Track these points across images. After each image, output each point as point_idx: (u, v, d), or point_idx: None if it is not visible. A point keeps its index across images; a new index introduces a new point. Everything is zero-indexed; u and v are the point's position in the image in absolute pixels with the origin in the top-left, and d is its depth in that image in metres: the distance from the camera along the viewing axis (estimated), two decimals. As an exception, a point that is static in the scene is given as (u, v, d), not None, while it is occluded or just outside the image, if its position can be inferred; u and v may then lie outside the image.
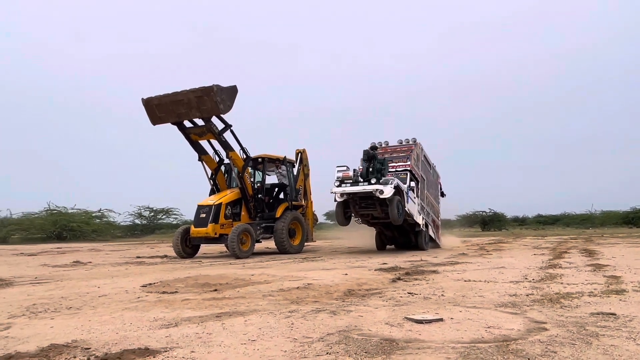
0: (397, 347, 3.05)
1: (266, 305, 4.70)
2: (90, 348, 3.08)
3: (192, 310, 4.49)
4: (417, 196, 13.97)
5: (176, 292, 5.82)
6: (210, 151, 13.49)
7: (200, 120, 12.64)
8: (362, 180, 12.31)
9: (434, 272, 7.83)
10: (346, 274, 7.46)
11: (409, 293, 5.45)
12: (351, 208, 12.95)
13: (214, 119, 12.52)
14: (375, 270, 8.17)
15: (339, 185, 12.40)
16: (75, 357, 2.89)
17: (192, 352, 2.97)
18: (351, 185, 12.26)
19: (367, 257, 12.02)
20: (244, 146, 13.35)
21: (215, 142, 13.20)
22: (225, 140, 12.83)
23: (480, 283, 6.35)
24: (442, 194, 17.84)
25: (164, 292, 5.78)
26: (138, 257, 13.07)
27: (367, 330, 3.56)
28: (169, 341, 3.25)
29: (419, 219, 13.91)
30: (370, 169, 12.49)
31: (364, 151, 12.85)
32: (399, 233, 14.58)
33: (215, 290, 5.94)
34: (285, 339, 3.30)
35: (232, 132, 12.94)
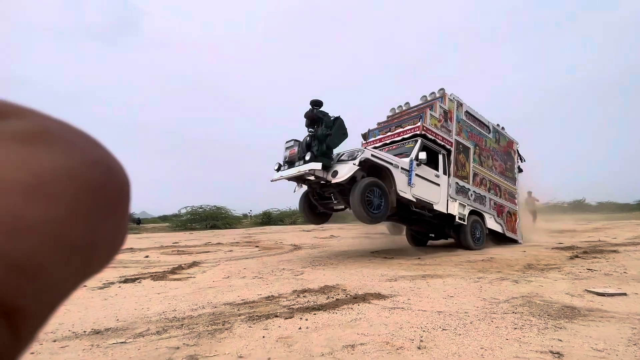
0: (579, 314, 2.50)
1: (458, 272, 4.42)
2: (346, 289, 3.44)
3: (404, 271, 4.54)
4: (448, 173, 6.72)
5: (393, 257, 5.96)
6: None
7: None
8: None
9: (614, 251, 6.02)
10: (524, 251, 6.40)
11: (588, 269, 4.35)
12: (312, 200, 6.35)
13: None
14: (552, 248, 6.76)
15: (278, 169, 5.89)
16: (338, 294, 3.25)
17: (409, 299, 3.03)
18: (288, 168, 5.69)
19: (542, 238, 9.96)
20: None
21: None
22: None
23: (672, 265, 4.62)
24: (519, 169, 9.09)
25: (385, 257, 6.00)
26: (366, 233, 13.83)
27: (548, 297, 3.01)
28: (392, 291, 3.38)
29: (453, 208, 6.62)
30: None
31: (305, 113, 5.65)
32: (429, 227, 7.22)
33: (419, 258, 5.87)
34: (476, 298, 3.06)
35: None
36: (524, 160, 9.14)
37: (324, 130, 5.42)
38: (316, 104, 5.69)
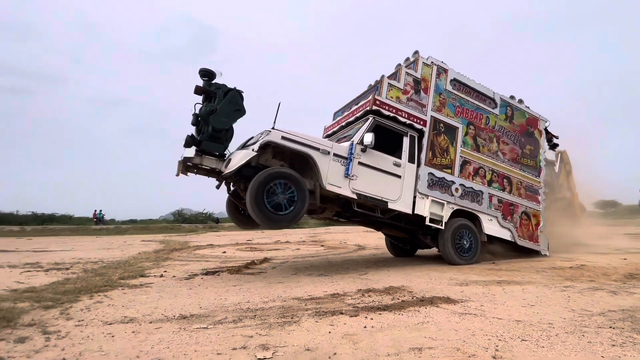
0: (701, 335, 2.06)
1: (540, 279, 3.97)
2: (412, 291, 3.32)
3: (476, 276, 4.23)
4: (418, 162, 5.05)
5: (463, 261, 5.58)
6: None
7: None
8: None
9: None
10: (625, 259, 5.50)
11: None
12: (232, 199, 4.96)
13: None
14: (662, 257, 5.68)
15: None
16: (404, 296, 3.15)
17: (482, 305, 2.81)
18: None
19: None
20: None
21: None
22: None
23: None
24: (552, 144, 6.96)
25: (455, 261, 5.64)
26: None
27: (658, 313, 2.53)
28: (463, 295, 3.17)
29: (423, 207, 4.94)
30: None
31: (194, 88, 4.34)
32: (407, 233, 5.73)
33: (493, 262, 5.41)
34: (563, 308, 2.71)
35: None
36: (557, 137, 6.85)
37: (209, 106, 4.20)
38: (205, 74, 4.34)
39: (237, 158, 4.00)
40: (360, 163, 4.51)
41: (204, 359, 1.77)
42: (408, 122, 5.04)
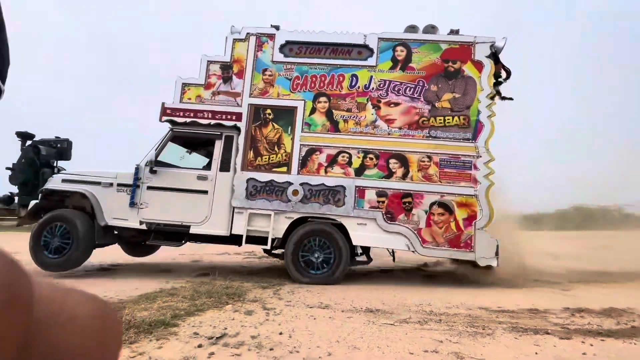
0: None
1: None
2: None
3: None
4: (234, 167, 4.04)
5: None
6: None
7: None
8: None
9: None
10: None
11: None
12: None
13: None
14: None
15: None
16: (634, 321, 2.46)
17: None
18: None
19: None
20: None
21: None
22: None
23: None
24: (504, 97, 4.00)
25: None
26: None
27: None
28: None
29: (241, 224, 3.93)
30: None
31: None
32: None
33: None
34: None
35: None
36: (509, 75, 4.26)
37: (13, 165, 4.63)
38: (19, 135, 4.69)
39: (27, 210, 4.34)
40: (150, 187, 4.06)
41: (397, 356, 1.85)
42: (213, 122, 4.16)
